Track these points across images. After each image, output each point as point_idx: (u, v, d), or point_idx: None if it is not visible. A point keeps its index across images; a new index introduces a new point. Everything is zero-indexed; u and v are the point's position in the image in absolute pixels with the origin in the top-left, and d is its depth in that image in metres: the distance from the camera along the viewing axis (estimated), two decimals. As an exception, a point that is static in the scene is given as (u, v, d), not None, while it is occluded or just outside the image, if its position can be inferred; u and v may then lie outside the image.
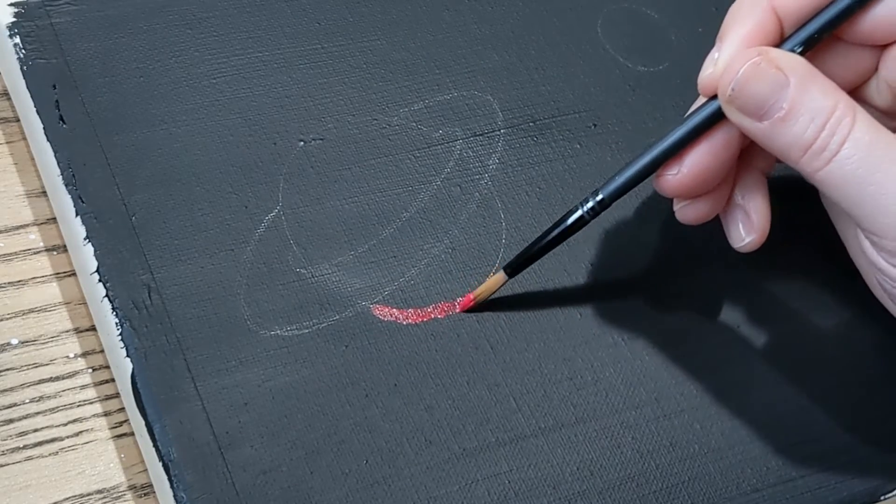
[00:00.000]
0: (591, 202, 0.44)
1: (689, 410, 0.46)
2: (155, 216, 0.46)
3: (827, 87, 0.41)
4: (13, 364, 0.44)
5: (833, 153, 0.41)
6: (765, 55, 0.41)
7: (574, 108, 0.52)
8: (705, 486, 0.45)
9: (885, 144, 0.41)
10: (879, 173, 0.40)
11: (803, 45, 0.42)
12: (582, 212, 0.44)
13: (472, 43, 0.53)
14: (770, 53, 0.41)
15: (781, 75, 0.41)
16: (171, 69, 0.49)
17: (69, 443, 0.43)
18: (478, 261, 0.47)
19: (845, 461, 0.46)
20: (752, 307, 0.49)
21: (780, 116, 0.41)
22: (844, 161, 0.40)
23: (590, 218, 0.44)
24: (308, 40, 0.51)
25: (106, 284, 0.44)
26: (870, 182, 0.40)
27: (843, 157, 0.40)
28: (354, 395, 0.44)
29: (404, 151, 0.49)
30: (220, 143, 0.48)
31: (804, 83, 0.41)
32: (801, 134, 0.41)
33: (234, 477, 0.42)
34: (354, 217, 0.48)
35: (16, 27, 0.48)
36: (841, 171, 0.41)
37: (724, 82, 0.42)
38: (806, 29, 0.43)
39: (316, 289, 0.46)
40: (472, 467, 0.44)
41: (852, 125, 0.41)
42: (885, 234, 0.41)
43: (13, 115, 0.49)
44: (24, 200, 0.47)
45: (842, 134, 0.40)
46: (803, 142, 0.41)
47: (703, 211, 0.45)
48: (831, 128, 0.41)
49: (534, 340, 0.46)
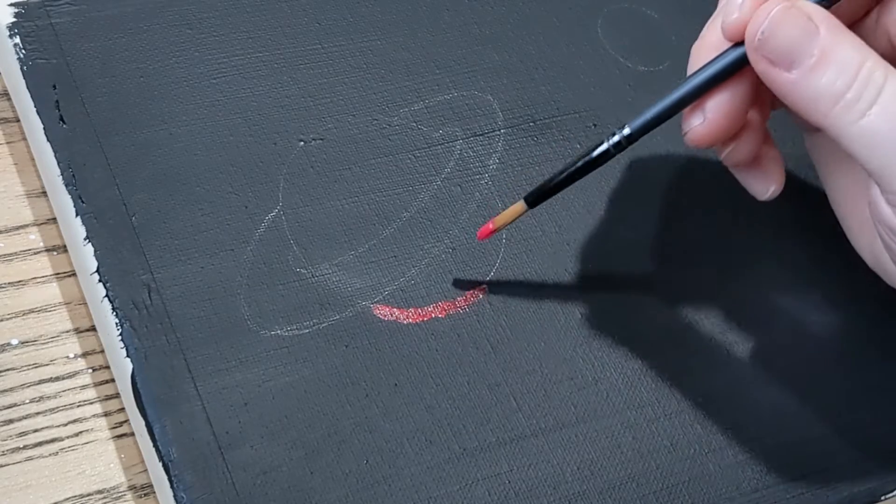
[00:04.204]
0: (617, 136, 0.44)
1: (689, 410, 0.46)
2: (155, 216, 0.46)
3: (856, 40, 0.40)
4: (13, 364, 0.44)
5: (868, 105, 0.39)
6: (793, 2, 0.40)
7: (574, 108, 0.52)
8: (705, 486, 0.45)
9: None
10: None
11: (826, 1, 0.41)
12: (608, 145, 0.44)
13: (472, 43, 0.53)
14: (799, 1, 0.40)
15: (812, 24, 0.40)
16: (171, 69, 0.49)
17: (69, 443, 0.43)
18: (478, 261, 0.47)
19: (845, 461, 0.46)
20: (753, 307, 0.49)
21: (811, 64, 0.40)
22: (879, 115, 0.39)
23: (615, 152, 0.44)
24: (308, 40, 0.51)
25: (106, 284, 0.44)
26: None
27: (877, 111, 0.39)
28: (354, 395, 0.44)
29: (404, 151, 0.49)
30: (220, 143, 0.48)
31: (835, 32, 0.40)
32: (833, 83, 0.40)
33: (234, 477, 0.42)
34: (354, 217, 0.48)
35: (16, 27, 0.48)
36: (874, 126, 0.39)
37: (753, 28, 0.41)
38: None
39: (316, 289, 0.46)
40: (472, 467, 0.44)
41: (885, 79, 0.39)
42: None
43: (13, 115, 0.49)
44: (24, 200, 0.47)
45: (876, 86, 0.39)
46: (834, 92, 0.40)
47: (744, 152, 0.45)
48: (863, 80, 0.39)
49: (534, 340, 0.46)
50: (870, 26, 0.45)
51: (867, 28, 0.45)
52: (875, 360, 0.49)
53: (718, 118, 0.43)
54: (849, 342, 0.49)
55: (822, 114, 0.40)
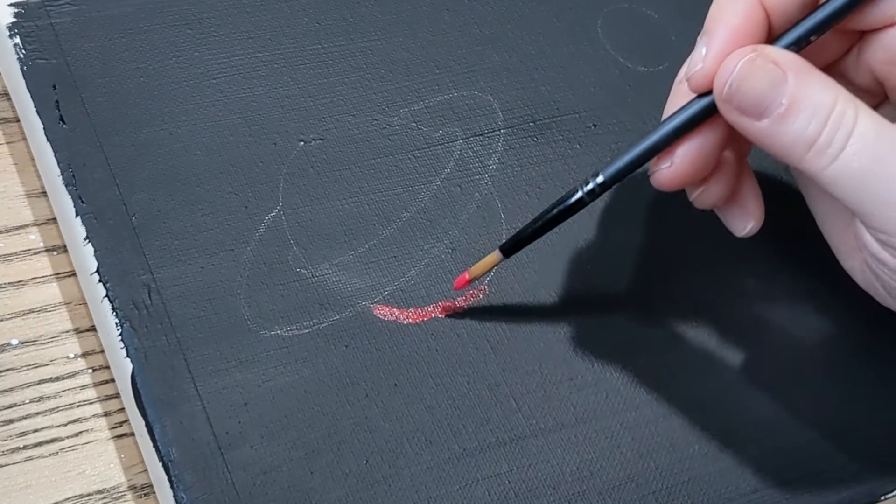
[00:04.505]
0: (591, 184, 0.43)
1: (689, 412, 0.46)
2: (155, 216, 0.46)
3: (826, 81, 0.40)
4: (13, 364, 0.44)
5: (839, 149, 0.39)
6: (760, 51, 0.40)
7: (574, 108, 0.52)
8: (705, 486, 0.45)
9: (891, 137, 0.39)
10: (888, 169, 0.39)
11: (795, 44, 0.41)
12: (581, 193, 0.43)
13: (472, 43, 0.53)
14: (766, 50, 0.40)
15: (779, 71, 0.40)
16: (171, 69, 0.49)
17: (69, 443, 0.43)
18: (478, 261, 0.47)
19: (844, 462, 0.46)
20: (754, 308, 0.49)
21: (780, 113, 0.40)
22: (851, 157, 0.39)
23: (589, 200, 0.43)
24: (308, 40, 0.51)
25: (106, 284, 0.44)
26: (879, 178, 0.39)
27: (850, 153, 0.39)
28: (354, 395, 0.44)
29: (404, 151, 0.50)
30: (220, 143, 0.48)
31: (803, 78, 0.40)
32: (804, 130, 0.40)
33: (234, 477, 0.42)
34: (354, 217, 0.48)
35: (16, 27, 0.48)
36: (848, 167, 0.39)
37: (720, 81, 0.41)
38: (798, 29, 0.41)
39: (316, 289, 0.46)
40: (472, 467, 0.44)
41: (856, 119, 0.39)
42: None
43: (13, 115, 0.49)
44: (24, 200, 0.47)
45: (846, 128, 0.39)
46: (806, 138, 0.40)
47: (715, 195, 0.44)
48: (835, 122, 0.39)
49: (534, 340, 0.46)
50: (852, 62, 0.45)
51: (849, 64, 0.45)
52: (872, 363, 0.49)
53: (686, 163, 0.43)
54: (847, 345, 0.49)
55: (796, 159, 0.40)
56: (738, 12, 0.42)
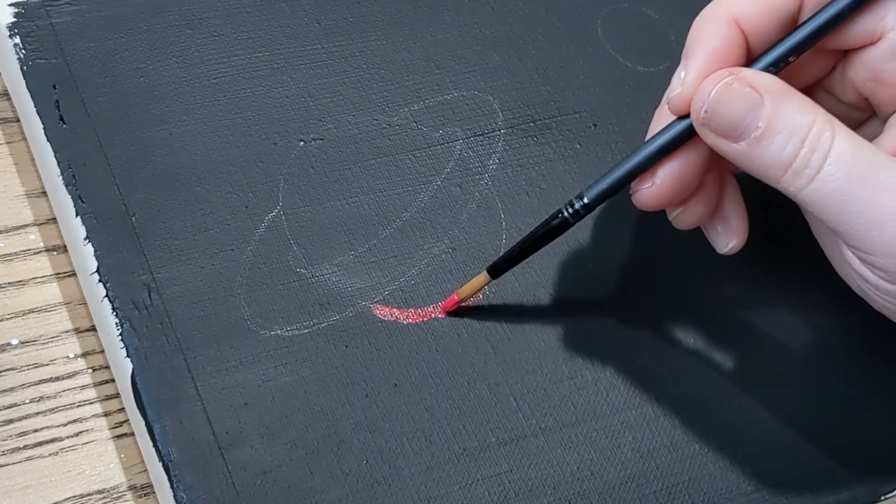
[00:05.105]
0: (575, 205, 0.44)
1: (689, 410, 0.46)
2: (155, 216, 0.46)
3: (803, 103, 0.40)
4: (13, 364, 0.44)
5: (815, 170, 0.39)
6: (737, 75, 0.40)
7: (574, 108, 0.52)
8: (705, 486, 0.45)
9: (867, 157, 0.39)
10: (865, 189, 0.39)
11: (774, 65, 0.41)
12: (566, 215, 0.44)
13: (472, 43, 0.53)
14: (742, 73, 0.40)
15: (755, 94, 0.40)
16: (171, 69, 0.49)
17: (69, 443, 0.43)
18: (478, 261, 0.47)
19: (846, 461, 0.46)
20: (753, 306, 0.49)
21: (757, 136, 0.40)
22: (828, 178, 0.39)
23: (574, 221, 0.44)
24: (308, 40, 0.51)
25: (106, 284, 0.44)
26: (856, 198, 0.39)
27: (827, 173, 0.39)
28: (354, 395, 0.44)
29: (404, 151, 0.50)
30: (220, 143, 0.48)
31: (779, 100, 0.40)
32: (780, 152, 0.40)
33: (234, 477, 0.42)
34: (354, 217, 0.48)
35: (16, 27, 0.48)
36: (825, 188, 0.39)
37: (697, 105, 0.41)
38: (776, 50, 0.42)
39: (316, 289, 0.46)
40: (472, 467, 0.44)
41: (832, 140, 0.39)
42: (875, 250, 0.40)
43: (13, 115, 0.49)
44: (24, 200, 0.47)
45: (823, 150, 0.39)
46: (783, 160, 0.40)
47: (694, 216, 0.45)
48: (811, 144, 0.39)
49: (534, 340, 0.46)
50: (837, 79, 0.45)
51: (835, 81, 0.45)
52: (874, 361, 0.49)
53: (667, 184, 0.43)
54: (847, 345, 0.49)
55: (773, 180, 0.40)
56: (717, 34, 0.42)
